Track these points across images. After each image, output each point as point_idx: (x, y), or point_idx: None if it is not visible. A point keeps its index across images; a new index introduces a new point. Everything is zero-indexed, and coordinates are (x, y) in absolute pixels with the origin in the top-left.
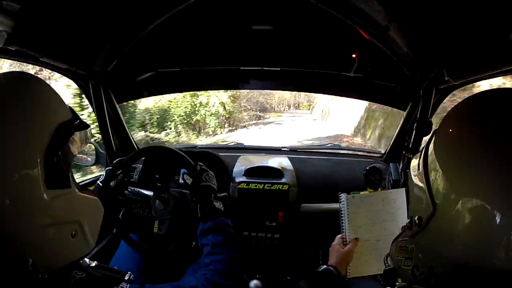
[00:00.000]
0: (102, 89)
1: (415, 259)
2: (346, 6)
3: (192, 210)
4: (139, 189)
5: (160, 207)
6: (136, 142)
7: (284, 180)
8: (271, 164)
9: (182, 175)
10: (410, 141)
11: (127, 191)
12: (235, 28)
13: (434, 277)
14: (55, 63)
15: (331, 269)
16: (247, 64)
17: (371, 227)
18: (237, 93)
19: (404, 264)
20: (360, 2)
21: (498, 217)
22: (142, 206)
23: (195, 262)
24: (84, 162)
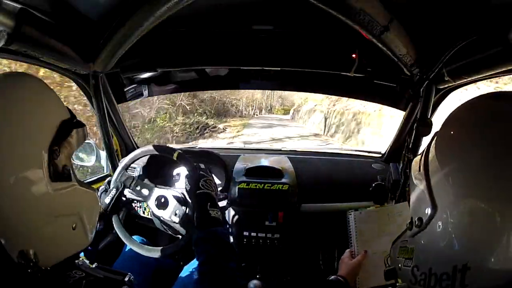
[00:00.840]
0: (102, 89)
1: (415, 260)
2: (346, 6)
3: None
4: (139, 189)
5: (159, 206)
6: (135, 142)
7: (284, 180)
8: (271, 164)
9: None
10: (410, 141)
11: (128, 190)
12: (235, 28)
13: (434, 277)
14: (55, 63)
15: (341, 279)
16: (247, 64)
17: (378, 240)
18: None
19: (404, 264)
20: (360, 2)
21: (497, 218)
22: (142, 206)
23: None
24: (84, 162)
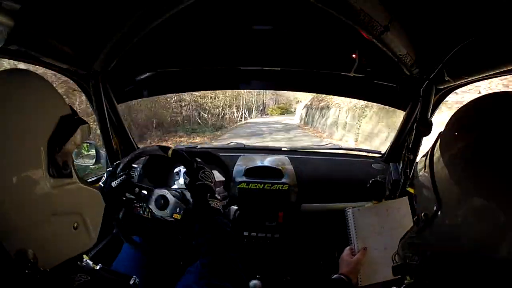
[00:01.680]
0: (102, 89)
1: (422, 255)
2: (346, 6)
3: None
4: (139, 190)
5: (159, 206)
6: (136, 142)
7: (284, 180)
8: (271, 164)
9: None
10: (410, 141)
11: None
12: (235, 28)
13: (441, 271)
14: (55, 63)
15: (344, 278)
16: (247, 64)
17: (378, 236)
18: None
19: (411, 260)
20: (360, 2)
21: (501, 215)
22: (142, 206)
23: (194, 262)
24: (84, 162)
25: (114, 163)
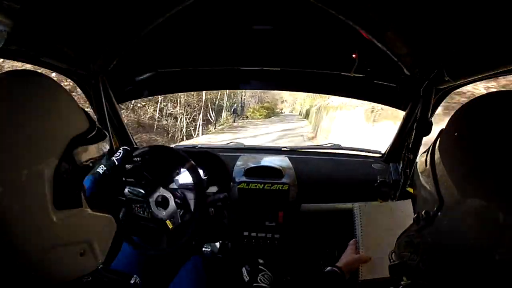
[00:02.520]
0: (102, 89)
1: (421, 254)
2: (346, 6)
3: (193, 209)
4: (139, 189)
5: (159, 206)
6: (136, 142)
7: (284, 180)
8: (271, 164)
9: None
10: (410, 141)
11: (128, 190)
12: (235, 28)
13: (439, 271)
14: (55, 63)
15: (337, 270)
16: (247, 64)
17: (382, 233)
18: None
19: (409, 259)
20: (360, 2)
21: (501, 215)
22: (142, 206)
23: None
24: None
25: (129, 147)
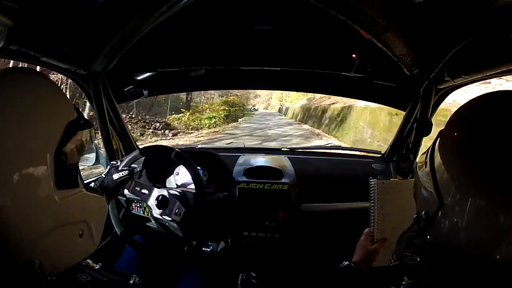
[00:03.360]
0: (102, 89)
1: (422, 254)
2: (346, 6)
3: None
4: (139, 189)
5: (159, 206)
6: (135, 142)
7: (284, 180)
8: (271, 164)
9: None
10: (410, 141)
11: (127, 190)
12: (235, 28)
13: (440, 271)
14: (55, 63)
15: (353, 265)
16: (247, 64)
17: (398, 214)
18: None
19: (410, 259)
20: (360, 2)
21: (501, 216)
22: (142, 206)
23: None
24: (84, 162)
25: (120, 160)
